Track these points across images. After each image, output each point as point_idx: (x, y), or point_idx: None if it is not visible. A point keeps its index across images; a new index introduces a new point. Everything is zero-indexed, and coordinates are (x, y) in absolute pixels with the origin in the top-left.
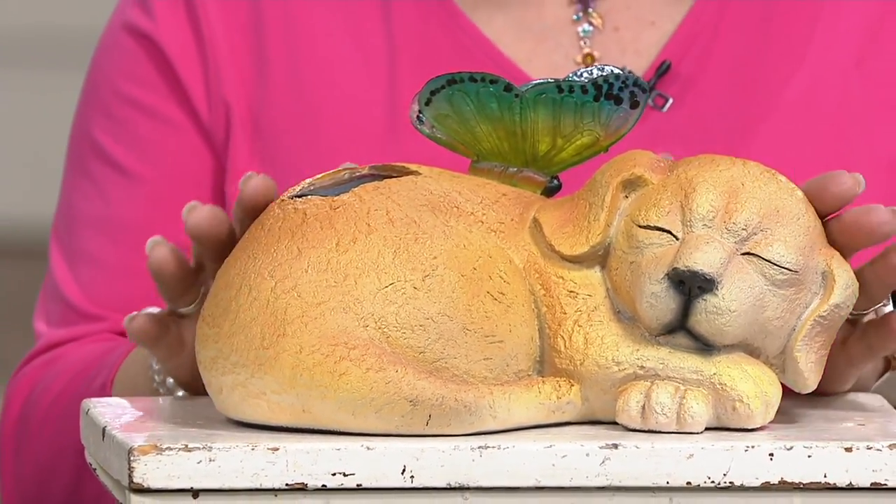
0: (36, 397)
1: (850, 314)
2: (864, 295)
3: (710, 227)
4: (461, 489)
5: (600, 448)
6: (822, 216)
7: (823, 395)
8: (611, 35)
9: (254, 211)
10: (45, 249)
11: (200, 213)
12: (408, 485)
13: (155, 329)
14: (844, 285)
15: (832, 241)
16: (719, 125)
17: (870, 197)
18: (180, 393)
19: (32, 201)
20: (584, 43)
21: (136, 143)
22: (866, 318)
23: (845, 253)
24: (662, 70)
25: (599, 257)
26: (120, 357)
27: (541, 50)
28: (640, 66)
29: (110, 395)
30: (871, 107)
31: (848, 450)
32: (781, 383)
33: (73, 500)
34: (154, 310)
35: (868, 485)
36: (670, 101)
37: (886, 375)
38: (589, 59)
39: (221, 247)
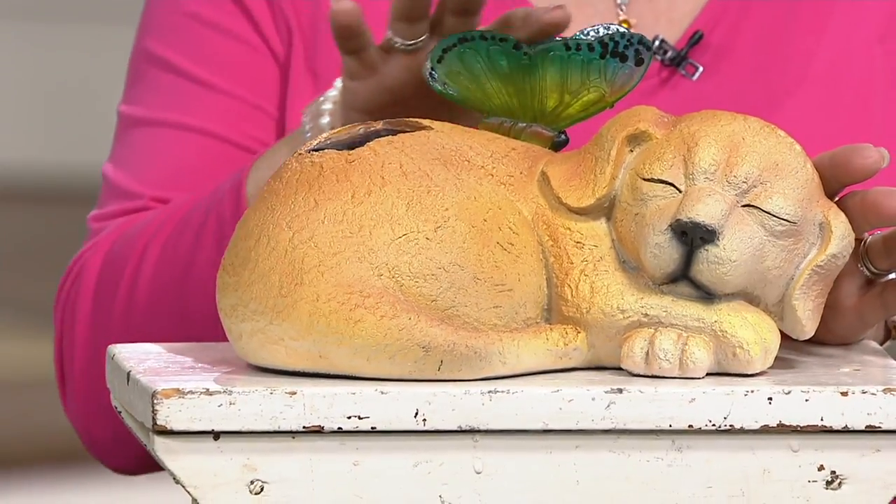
0: (130, 237)
1: (871, 272)
2: (890, 257)
3: (711, 180)
4: (471, 432)
5: (605, 392)
6: (845, 186)
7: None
8: (646, 3)
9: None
10: (60, 195)
11: None
12: (420, 427)
13: (356, 21)
14: (841, 236)
15: (849, 215)
16: (747, 95)
17: (893, 169)
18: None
19: (47, 148)
20: (621, 10)
21: (199, 52)
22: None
23: (859, 229)
24: (695, 40)
25: (605, 209)
26: (250, 165)
27: (579, 16)
28: (673, 34)
29: (245, 193)
30: (894, 82)
31: (844, 394)
32: (780, 330)
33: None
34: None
35: (863, 427)
36: (701, 69)
37: (887, 344)
38: (624, 26)
39: (468, 4)
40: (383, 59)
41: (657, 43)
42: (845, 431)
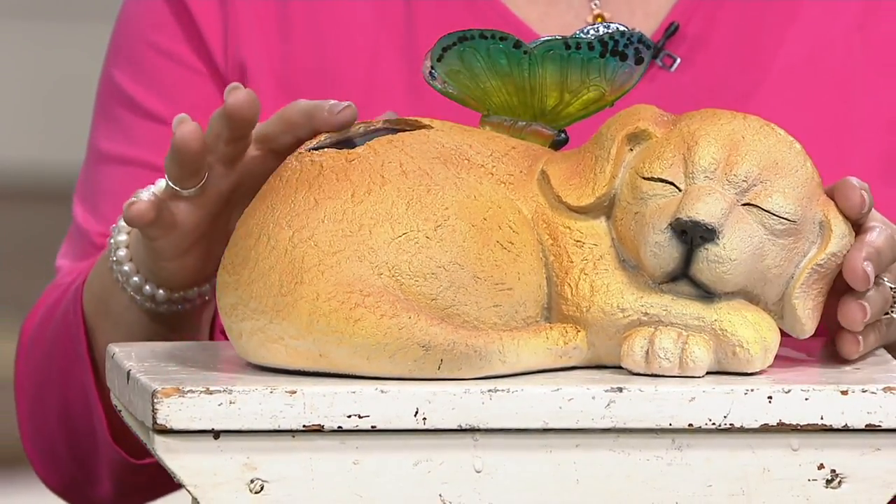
0: (40, 316)
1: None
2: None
3: (711, 179)
4: (471, 430)
5: (605, 391)
6: None
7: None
8: None
9: (233, 121)
10: (60, 193)
11: (240, 95)
12: (420, 426)
13: (152, 214)
14: (841, 234)
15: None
16: (726, 85)
17: (869, 156)
18: (135, 278)
19: (47, 147)
20: (595, 4)
21: (160, 87)
22: None
23: None
24: (671, 31)
25: (605, 208)
26: (92, 262)
27: (552, 11)
28: (649, 27)
29: (81, 296)
30: (872, 69)
31: (844, 393)
32: (780, 329)
33: (66, 413)
34: (152, 188)
35: (863, 426)
36: (678, 61)
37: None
38: (599, 20)
39: (245, 131)
40: (174, 209)
41: None
42: (845, 430)
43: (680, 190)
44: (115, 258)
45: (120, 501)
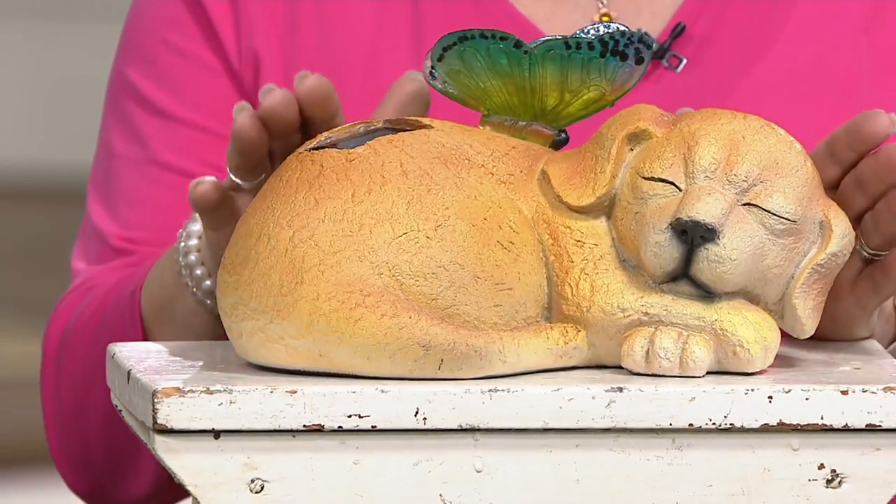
0: (74, 320)
1: (868, 253)
2: (879, 232)
3: (711, 179)
4: (472, 430)
5: (606, 391)
6: (859, 157)
7: (833, 341)
8: None
9: (271, 124)
10: (60, 193)
11: (275, 97)
12: (420, 426)
13: (217, 196)
14: (841, 234)
15: (867, 181)
16: (732, 87)
17: None
18: (207, 282)
19: (47, 147)
20: (602, 3)
21: (173, 84)
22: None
23: (874, 191)
24: (677, 32)
25: (605, 208)
26: (149, 266)
27: (559, 10)
28: (655, 27)
29: (139, 300)
30: (879, 71)
31: (844, 393)
32: (780, 329)
33: (110, 415)
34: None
35: (863, 426)
36: (684, 61)
37: None
38: (606, 20)
39: (290, 130)
40: (238, 200)
41: None
42: (845, 430)
43: (680, 190)
44: (185, 263)
45: (150, 501)
